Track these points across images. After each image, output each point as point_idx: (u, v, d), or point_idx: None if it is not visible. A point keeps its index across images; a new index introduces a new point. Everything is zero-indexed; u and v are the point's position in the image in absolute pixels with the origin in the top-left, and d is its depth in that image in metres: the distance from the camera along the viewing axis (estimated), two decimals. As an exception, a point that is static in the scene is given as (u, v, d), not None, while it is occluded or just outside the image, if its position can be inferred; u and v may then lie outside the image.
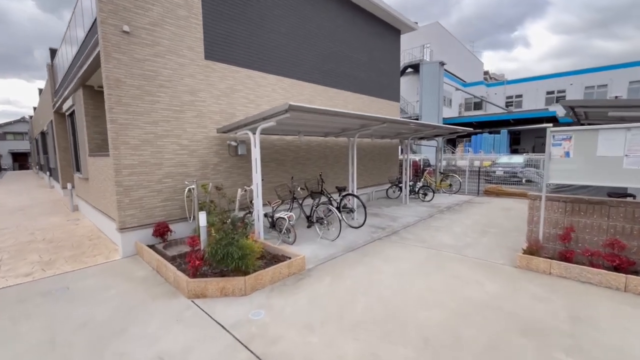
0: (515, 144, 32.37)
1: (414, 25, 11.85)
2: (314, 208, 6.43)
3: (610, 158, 4.01)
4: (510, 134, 28.95)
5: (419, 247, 5.70)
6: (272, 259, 4.93)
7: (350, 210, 7.11)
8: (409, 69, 28.32)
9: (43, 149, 18.24)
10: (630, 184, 3.95)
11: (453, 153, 27.11)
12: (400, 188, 11.17)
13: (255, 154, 5.63)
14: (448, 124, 14.32)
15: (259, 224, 5.73)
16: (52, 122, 12.42)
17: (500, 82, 36.44)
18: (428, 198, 10.58)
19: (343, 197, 7.31)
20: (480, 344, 2.84)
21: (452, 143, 28.82)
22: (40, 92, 18.92)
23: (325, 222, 6.19)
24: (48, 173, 17.85)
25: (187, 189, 5.44)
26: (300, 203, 6.93)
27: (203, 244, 4.55)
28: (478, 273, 4.45)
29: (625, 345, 2.79)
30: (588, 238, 4.55)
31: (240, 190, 6.49)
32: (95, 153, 7.26)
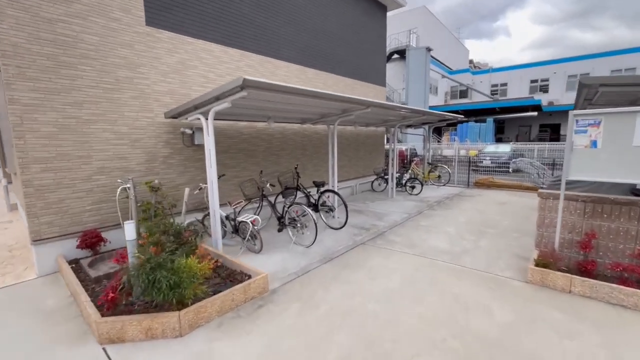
0: (500, 133, 32.26)
1: (402, 1, 10.76)
2: (286, 208, 5.42)
3: (651, 148, 3.17)
4: (495, 123, 28.70)
5: (409, 254, 4.81)
6: (228, 277, 3.92)
7: (330, 209, 6.15)
8: (395, 55, 27.31)
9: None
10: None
11: (439, 142, 26.56)
12: (387, 180, 10.29)
13: (209, 144, 4.52)
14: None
15: (216, 230, 4.68)
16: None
17: (486, 69, 36.02)
18: (416, 191, 9.76)
19: (321, 193, 6.32)
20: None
21: (437, 132, 28.29)
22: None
23: (299, 224, 5.20)
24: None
25: (120, 189, 4.31)
26: (273, 202, 5.90)
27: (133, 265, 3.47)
28: (483, 292, 3.59)
29: None
30: (612, 246, 3.76)
31: (188, 190, 5.36)
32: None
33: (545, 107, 27.97)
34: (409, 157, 15.36)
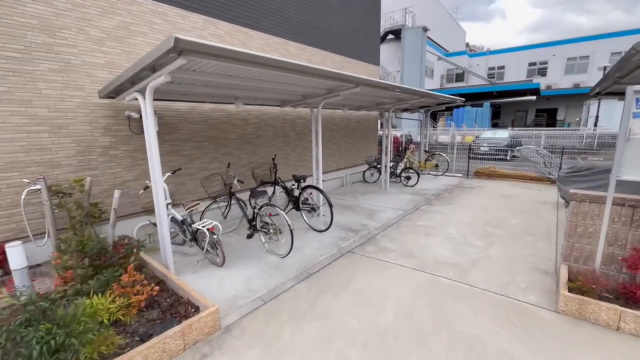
0: (496, 118, 31.45)
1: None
2: (256, 210, 4.45)
3: None
4: (491, 108, 27.81)
5: (406, 267, 3.93)
6: (170, 308, 2.99)
7: (312, 209, 5.20)
8: (390, 36, 25.87)
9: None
10: None
11: (434, 128, 25.60)
12: (380, 170, 9.36)
13: (149, 131, 3.48)
14: (434, 94, 12.42)
15: (164, 240, 3.70)
16: None
17: (483, 52, 34.78)
18: (412, 182, 8.86)
19: (302, 190, 5.35)
20: None
21: (432, 117, 27.30)
22: None
23: (272, 229, 4.25)
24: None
25: (25, 191, 3.29)
26: (243, 202, 4.91)
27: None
28: (504, 331, 2.72)
29: None
30: (668, 264, 2.91)
31: (119, 193, 4.34)
32: None
33: (543, 91, 27.09)
34: (404, 144, 14.42)
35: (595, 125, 19.50)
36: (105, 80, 4.28)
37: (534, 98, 24.95)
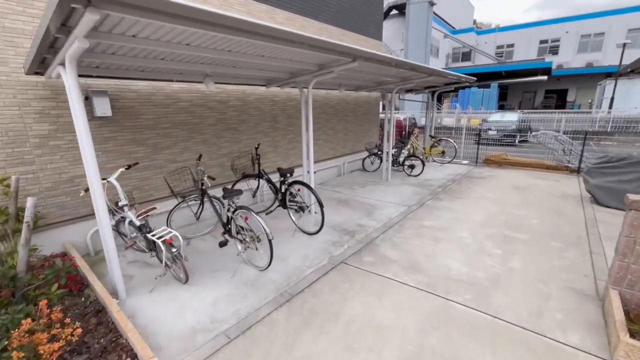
0: (502, 100, 30.13)
1: None
2: (230, 213, 3.67)
3: None
4: (498, 89, 26.51)
5: (411, 286, 3.19)
6: (103, 352, 2.27)
7: (300, 209, 4.43)
8: (393, 11, 24.30)
9: None
10: None
11: (439, 110, 24.44)
12: (381, 157, 8.52)
13: (77, 117, 2.64)
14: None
15: (109, 253, 2.96)
16: None
17: (492, 29, 32.92)
18: (416, 171, 8.04)
19: (289, 186, 4.56)
20: None
21: (437, 98, 26.09)
22: None
23: (249, 237, 3.49)
24: None
25: None
26: (219, 201, 4.14)
27: None
28: (545, 391, 2.01)
29: None
30: None
31: (33, 201, 3.53)
32: None
33: (554, 70, 25.66)
34: (408, 128, 13.48)
35: (610, 107, 18.38)
36: (36, 52, 3.40)
37: (545, 78, 23.65)
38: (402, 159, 8.29)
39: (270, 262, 3.43)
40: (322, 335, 2.52)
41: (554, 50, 28.98)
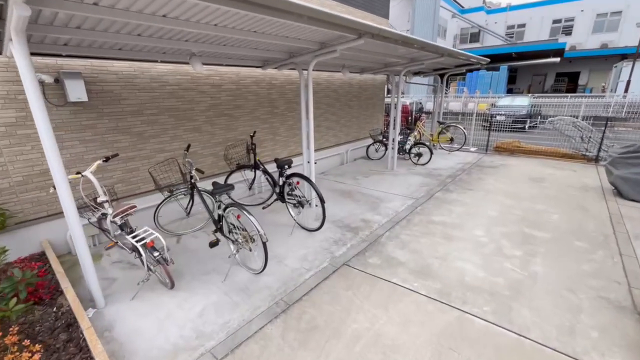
0: (511, 83, 29.10)
1: None
2: (220, 211, 3.30)
3: None
4: (507, 72, 25.51)
5: (421, 295, 2.85)
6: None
7: (299, 203, 4.06)
8: (400, -13, 23.06)
9: None
10: None
11: (446, 94, 23.62)
12: (386, 145, 8.08)
13: (32, 99, 2.24)
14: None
15: (82, 258, 2.63)
16: None
17: (503, 7, 31.43)
18: (423, 160, 7.61)
19: (287, 178, 4.17)
20: None
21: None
22: None
23: (242, 237, 3.14)
24: None
25: None
26: (210, 196, 3.77)
27: None
28: None
29: None
30: None
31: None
32: None
33: (567, 52, 24.53)
34: (414, 113, 12.91)
35: (626, 91, 17.57)
36: (-6, 27, 2.96)
37: (558, 60, 22.69)
38: (408, 147, 7.84)
39: (265, 265, 3.09)
40: (321, 358, 2.19)
41: (567, 31, 27.68)
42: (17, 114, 3.23)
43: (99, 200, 3.19)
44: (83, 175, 3.05)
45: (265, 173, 4.70)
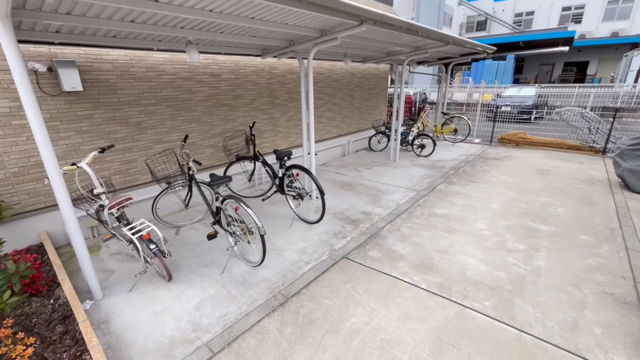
0: (517, 73, 28.52)
1: None
2: (218, 203, 3.26)
3: None
4: (514, 61, 24.96)
5: (422, 289, 2.81)
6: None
7: (299, 195, 4.00)
8: (405, -27, 22.44)
9: None
10: None
11: (450, 84, 23.22)
12: (388, 137, 7.97)
13: (21, 88, 2.17)
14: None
15: (78, 250, 2.61)
16: None
17: (511, -6, 30.54)
18: (426, 152, 7.50)
19: (286, 170, 4.10)
20: None
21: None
22: None
23: (240, 229, 3.10)
24: None
25: None
26: (209, 187, 3.72)
27: None
28: None
29: None
30: None
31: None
32: None
33: (576, 41, 23.91)
34: (418, 104, 12.70)
35: (636, 81, 17.15)
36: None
37: (567, 49, 22.16)
38: (411, 138, 7.72)
39: (263, 258, 3.05)
40: (318, 352, 2.16)
41: (577, 19, 26.94)
42: (10, 104, 3.17)
43: (96, 192, 3.16)
44: (78, 167, 3.01)
45: (265, 164, 4.64)
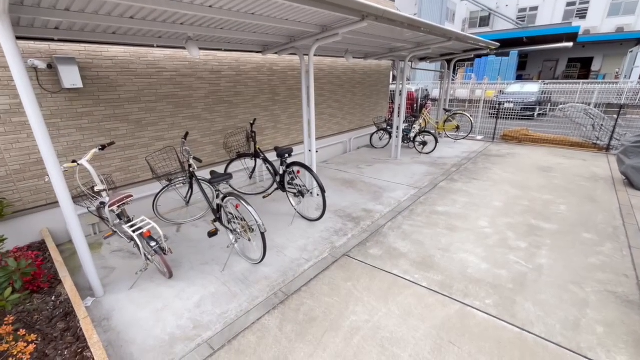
0: (520, 69, 28.28)
1: None
2: (219, 200, 3.25)
3: None
4: (517, 58, 24.74)
5: (423, 287, 2.80)
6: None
7: (300, 193, 3.99)
8: (408, -32, 22.24)
9: None
10: None
11: (453, 81, 23.06)
12: (390, 134, 7.93)
13: (20, 85, 2.16)
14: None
15: (79, 247, 2.61)
16: None
17: (515, -11, 30.20)
18: (428, 149, 7.46)
19: (287, 167, 4.09)
20: None
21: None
22: None
23: (240, 227, 3.09)
24: None
25: None
26: (206, 185, 3.72)
27: None
28: None
29: None
30: None
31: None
32: None
33: (580, 37, 23.63)
34: (420, 100, 12.63)
35: (642, 78, 16.96)
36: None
37: (571, 45, 21.92)
38: (413, 135, 7.68)
39: (264, 256, 3.05)
40: (318, 350, 2.16)
41: (582, 14, 26.63)
42: (11, 101, 3.16)
43: (97, 189, 3.16)
44: (79, 164, 3.01)
45: (266, 162, 4.63)
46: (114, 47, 3.71)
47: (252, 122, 4.82)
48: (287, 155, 4.02)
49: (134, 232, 2.71)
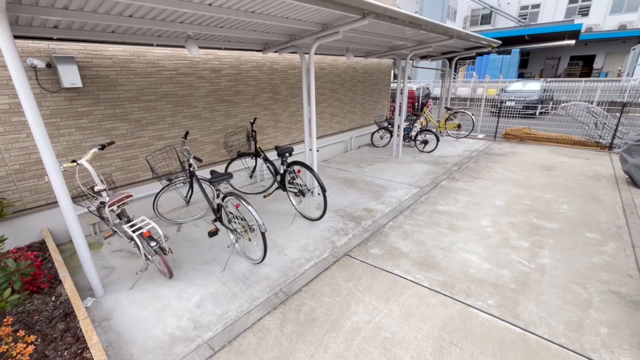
0: (522, 67, 28.15)
1: None
2: (219, 200, 3.24)
3: None
4: (519, 56, 24.62)
5: (424, 287, 2.78)
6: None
7: (300, 192, 3.97)
8: (408, -34, 22.12)
9: None
10: None
11: (454, 79, 22.97)
12: (391, 132, 7.90)
13: (18, 84, 2.14)
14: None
15: (79, 247, 2.60)
16: None
17: (517, -13, 30.03)
18: (429, 147, 7.43)
19: (288, 166, 4.07)
20: None
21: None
22: None
23: (240, 226, 3.08)
24: None
25: None
26: (206, 185, 3.71)
27: None
28: None
29: None
30: None
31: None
32: None
33: (582, 34, 23.50)
34: (421, 99, 12.58)
35: (644, 75, 16.86)
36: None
37: (573, 43, 21.80)
38: (414, 134, 7.64)
39: (264, 256, 3.03)
40: (319, 351, 2.15)
41: (584, 12, 26.48)
42: (10, 101, 3.15)
43: (96, 189, 3.15)
44: (79, 164, 3.00)
45: (267, 161, 4.61)
46: (114, 45, 3.69)
47: (252, 121, 4.79)
48: (287, 155, 4.00)
49: (134, 232, 2.69)
